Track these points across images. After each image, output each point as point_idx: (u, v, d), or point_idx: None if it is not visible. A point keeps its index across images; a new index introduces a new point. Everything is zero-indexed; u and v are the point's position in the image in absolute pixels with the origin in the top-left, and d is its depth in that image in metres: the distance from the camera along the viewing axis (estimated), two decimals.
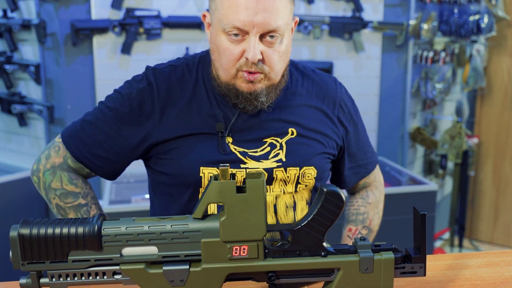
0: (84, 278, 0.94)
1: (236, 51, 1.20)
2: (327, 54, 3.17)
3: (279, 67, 1.24)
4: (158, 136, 1.28)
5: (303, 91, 1.35)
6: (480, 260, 1.21)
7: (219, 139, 1.28)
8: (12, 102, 2.97)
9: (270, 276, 0.95)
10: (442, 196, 3.94)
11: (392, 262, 0.95)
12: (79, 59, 2.89)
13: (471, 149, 3.85)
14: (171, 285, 0.94)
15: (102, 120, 1.30)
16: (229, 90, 1.25)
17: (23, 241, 0.91)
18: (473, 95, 4.07)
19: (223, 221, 0.92)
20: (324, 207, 0.92)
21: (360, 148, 1.44)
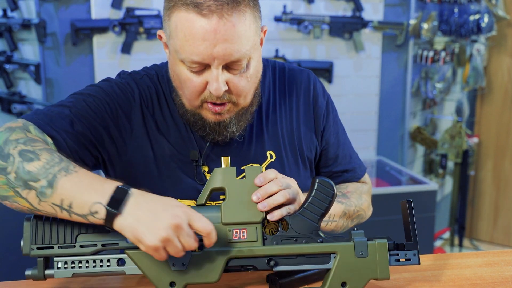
0: (89, 265, 0.99)
1: (198, 82, 1.08)
2: (327, 53, 3.17)
3: (247, 91, 1.12)
4: (134, 144, 1.17)
5: (277, 96, 1.26)
6: (480, 260, 1.21)
7: (194, 168, 1.19)
8: (12, 101, 2.97)
9: (269, 260, 1.00)
10: (442, 196, 3.94)
11: (386, 246, 1.00)
12: (79, 58, 2.89)
13: (471, 149, 3.85)
14: (172, 269, 0.98)
15: (76, 105, 1.13)
16: (195, 120, 1.15)
17: (36, 226, 0.98)
18: (473, 95, 4.07)
19: (224, 204, 0.99)
20: (317, 194, 1.01)
21: (341, 149, 1.35)
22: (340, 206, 1.26)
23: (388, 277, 1.00)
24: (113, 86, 1.18)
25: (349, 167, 1.36)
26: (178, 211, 0.92)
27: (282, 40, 3.11)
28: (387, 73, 3.34)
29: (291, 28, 3.09)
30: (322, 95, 1.31)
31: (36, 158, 0.96)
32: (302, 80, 1.29)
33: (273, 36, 3.07)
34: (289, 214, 1.02)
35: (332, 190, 1.02)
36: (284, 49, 3.08)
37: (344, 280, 0.99)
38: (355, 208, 1.30)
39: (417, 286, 1.08)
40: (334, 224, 1.26)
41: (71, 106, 1.12)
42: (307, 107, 1.28)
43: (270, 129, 1.25)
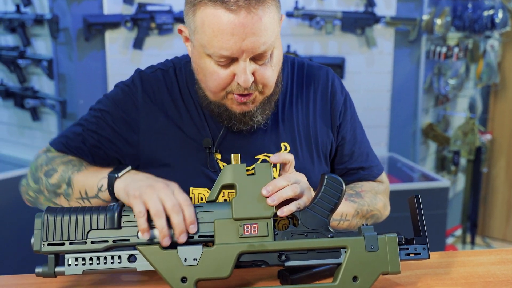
0: (100, 262, 0.99)
1: (225, 75, 1.10)
2: (339, 49, 3.16)
3: (273, 80, 1.15)
4: (146, 141, 1.23)
5: (294, 90, 1.28)
6: (493, 258, 1.20)
7: (207, 155, 1.21)
8: (25, 96, 3.00)
9: (280, 254, 1.00)
10: (454, 193, 3.92)
11: (396, 240, 1.01)
12: (91, 54, 2.91)
13: (484, 146, 3.81)
14: (184, 264, 0.98)
15: (88, 121, 1.25)
16: (220, 112, 1.17)
17: (48, 222, 0.99)
18: (487, 91, 4.03)
19: (235, 199, 1.00)
20: (327, 190, 1.02)
21: (358, 147, 1.34)
22: (353, 205, 1.25)
23: (398, 271, 0.99)
24: (118, 93, 1.26)
25: (365, 165, 1.36)
26: (167, 182, 1.03)
27: (293, 36, 3.10)
28: (400, 69, 3.31)
29: (303, 23, 3.08)
30: (340, 92, 1.31)
31: (55, 171, 1.19)
32: (321, 76, 1.30)
33: (284, 32, 3.06)
34: (298, 209, 1.02)
35: (341, 186, 1.03)
36: (295, 45, 3.07)
37: (355, 275, 0.99)
38: (369, 207, 1.29)
39: (429, 283, 1.07)
40: (346, 223, 1.25)
41: (83, 124, 1.26)
42: (325, 102, 1.29)
43: (286, 121, 1.26)
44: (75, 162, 1.21)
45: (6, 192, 2.61)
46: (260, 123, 1.19)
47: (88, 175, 1.15)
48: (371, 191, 1.33)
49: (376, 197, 1.33)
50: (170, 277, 0.97)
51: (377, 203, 1.32)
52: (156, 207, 0.97)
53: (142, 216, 0.97)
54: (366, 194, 1.31)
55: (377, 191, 1.35)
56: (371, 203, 1.30)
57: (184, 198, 1.00)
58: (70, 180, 1.16)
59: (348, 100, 1.33)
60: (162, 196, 0.98)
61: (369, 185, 1.36)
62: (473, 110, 3.66)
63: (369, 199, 1.30)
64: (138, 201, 0.98)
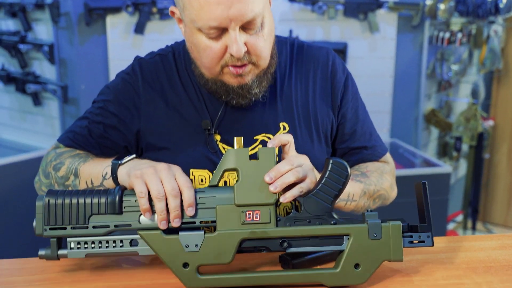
0: (102, 246, 1.00)
1: (218, 48, 1.11)
2: (342, 34, 3.14)
3: (267, 51, 1.15)
4: (147, 128, 1.24)
5: (293, 70, 1.28)
6: (495, 243, 1.20)
7: (207, 137, 1.22)
8: (26, 81, 2.99)
9: (282, 241, 0.99)
10: (456, 179, 3.92)
11: (399, 228, 0.99)
12: (93, 38, 2.89)
13: (486, 132, 3.81)
14: (186, 250, 0.98)
15: (93, 113, 1.27)
16: (217, 87, 1.18)
17: (48, 207, 0.98)
18: (490, 77, 4.01)
19: (237, 185, 0.98)
20: (331, 176, 1.00)
21: (360, 126, 1.33)
22: (359, 185, 1.24)
23: (401, 259, 0.99)
24: (119, 82, 1.27)
25: (368, 144, 1.34)
26: (170, 165, 1.02)
27: (296, 21, 3.08)
28: (402, 54, 3.30)
29: (305, 8, 3.06)
30: (341, 71, 1.31)
31: (63, 164, 1.20)
32: (320, 56, 1.30)
33: (287, 17, 3.04)
34: (301, 193, 1.02)
35: (346, 171, 1.00)
36: (298, 30, 3.05)
37: (357, 262, 0.98)
38: (375, 187, 1.27)
39: (431, 268, 1.07)
40: (354, 204, 1.23)
41: (89, 117, 1.28)
42: (325, 82, 1.28)
43: (284, 101, 1.26)
44: (82, 154, 1.23)
45: (8, 176, 2.62)
46: (258, 96, 1.18)
47: (93, 164, 1.16)
48: (376, 171, 1.31)
49: (382, 177, 1.31)
50: (172, 262, 0.98)
51: (383, 183, 1.30)
52: (157, 188, 0.97)
53: (143, 197, 0.97)
54: (372, 174, 1.29)
55: (383, 171, 1.33)
56: (378, 182, 1.28)
57: (185, 180, 0.99)
58: (76, 171, 1.16)
59: (349, 79, 1.32)
60: (163, 178, 0.98)
61: (374, 165, 1.34)
62: (475, 96, 3.65)
63: (375, 178, 1.29)
64: (139, 180, 0.98)
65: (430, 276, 1.04)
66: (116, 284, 1.03)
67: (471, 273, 1.06)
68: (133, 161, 1.07)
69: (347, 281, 0.98)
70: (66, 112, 3.01)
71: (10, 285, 1.03)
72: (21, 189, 2.62)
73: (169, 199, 0.97)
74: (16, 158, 2.68)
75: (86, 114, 1.29)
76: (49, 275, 1.07)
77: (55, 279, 1.05)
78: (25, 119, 3.22)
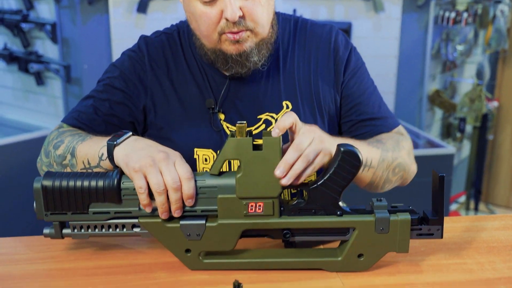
0: (105, 230, 0.99)
1: (213, 13, 1.10)
2: (346, 14, 3.11)
3: (264, 18, 1.13)
4: (152, 106, 1.24)
5: (296, 48, 1.26)
6: (497, 223, 1.20)
7: (211, 116, 1.22)
8: (29, 61, 2.98)
9: (285, 233, 0.97)
10: (459, 160, 3.91)
11: (409, 223, 0.95)
12: (95, 18, 2.87)
13: (490, 113, 3.79)
14: (187, 239, 0.97)
15: (98, 91, 1.25)
16: (216, 56, 1.16)
17: (46, 193, 0.96)
18: (495, 57, 3.97)
19: (239, 177, 0.94)
20: (341, 166, 0.93)
21: (366, 98, 1.28)
22: (377, 151, 1.16)
23: (407, 251, 0.97)
24: (125, 60, 1.26)
25: (377, 115, 1.28)
26: (167, 150, 0.98)
27: (300, 0, 3.04)
28: (407, 34, 3.27)
29: None
30: (344, 46, 1.28)
31: (62, 143, 1.16)
32: (323, 33, 1.28)
33: None
34: (314, 170, 0.97)
35: (358, 162, 0.93)
36: (301, 9, 3.02)
37: (361, 253, 0.97)
38: (393, 154, 1.19)
39: (433, 248, 1.07)
40: (371, 171, 1.15)
41: (94, 95, 1.25)
42: (326, 59, 1.27)
43: (287, 79, 1.24)
44: (82, 133, 1.19)
45: (12, 156, 2.62)
46: (257, 64, 1.17)
47: (90, 144, 1.11)
48: (391, 139, 1.24)
49: (398, 145, 1.23)
50: (174, 248, 0.98)
51: (400, 151, 1.22)
52: (157, 181, 0.93)
53: (143, 192, 0.94)
54: (387, 141, 1.22)
55: (398, 139, 1.25)
56: (394, 149, 1.20)
57: (185, 171, 0.95)
58: (73, 150, 1.13)
59: (353, 53, 1.29)
60: (163, 169, 0.94)
61: (388, 135, 1.26)
62: (480, 76, 3.62)
63: (391, 145, 1.20)
64: (138, 175, 0.94)
65: (432, 256, 1.04)
66: (120, 262, 1.03)
67: (474, 253, 1.06)
68: (130, 142, 1.02)
69: (349, 269, 0.98)
70: (69, 91, 3.00)
71: (15, 263, 1.04)
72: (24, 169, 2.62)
73: (170, 192, 0.94)
74: (19, 138, 2.68)
75: (92, 93, 1.27)
76: (53, 253, 1.07)
77: (59, 257, 1.06)
78: (28, 99, 3.22)
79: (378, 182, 1.19)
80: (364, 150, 1.07)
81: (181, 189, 0.94)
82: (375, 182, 1.18)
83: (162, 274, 0.98)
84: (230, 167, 1.20)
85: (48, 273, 1.00)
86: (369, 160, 1.13)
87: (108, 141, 1.02)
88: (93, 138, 1.14)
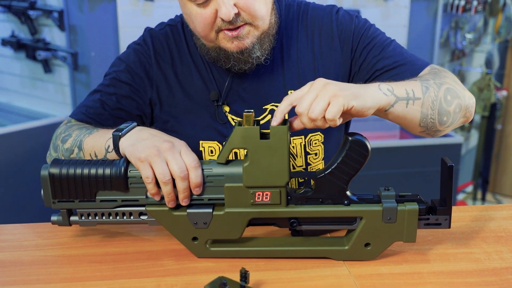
0: (112, 217, 0.99)
1: (208, 14, 1.07)
2: (354, 2, 3.08)
3: (262, 10, 1.09)
4: (158, 99, 1.23)
5: (299, 34, 1.23)
6: (505, 213, 1.20)
7: (216, 108, 1.21)
8: (36, 48, 2.98)
9: (292, 222, 0.97)
10: (467, 149, 3.89)
11: (416, 213, 0.95)
12: (102, 5, 2.86)
13: (499, 102, 3.76)
14: (194, 227, 0.97)
15: (105, 85, 1.25)
16: (218, 55, 1.14)
17: (53, 180, 0.97)
18: (505, 46, 3.94)
19: (246, 166, 0.93)
20: (349, 155, 0.93)
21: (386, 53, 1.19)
22: (415, 82, 1.05)
23: (414, 241, 0.97)
24: (130, 53, 1.25)
25: (401, 62, 1.17)
26: (173, 140, 0.98)
27: None
28: (416, 22, 3.24)
29: None
30: (348, 21, 1.23)
31: (70, 136, 1.16)
32: (324, 16, 1.24)
33: None
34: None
35: (366, 151, 0.92)
36: None
37: (368, 242, 0.97)
38: (435, 81, 1.06)
39: (441, 238, 1.07)
40: (418, 103, 1.02)
41: (101, 89, 1.25)
42: (330, 39, 1.22)
43: (292, 67, 1.22)
44: (89, 126, 1.20)
45: (20, 143, 2.64)
46: (260, 59, 1.14)
47: (97, 136, 1.12)
48: (427, 74, 1.12)
49: (438, 74, 1.11)
50: (181, 236, 0.98)
51: (443, 78, 1.09)
52: (163, 172, 0.93)
53: (150, 182, 0.94)
54: (424, 75, 1.11)
55: (435, 72, 1.12)
56: (436, 78, 1.08)
57: (191, 159, 0.95)
58: (81, 144, 1.13)
59: (357, 22, 1.23)
60: (169, 159, 0.94)
61: (422, 72, 1.14)
62: (489, 65, 3.59)
63: (431, 76, 1.09)
64: (144, 165, 0.94)
65: (440, 245, 1.04)
66: (127, 249, 1.04)
67: (481, 243, 1.05)
68: (136, 132, 1.02)
69: (355, 258, 0.98)
70: (77, 79, 3.00)
71: (24, 249, 1.04)
72: (32, 156, 2.64)
73: (177, 181, 0.94)
74: (27, 125, 2.69)
75: (98, 87, 1.27)
76: (61, 240, 1.08)
77: (66, 243, 1.07)
78: (36, 86, 3.22)
79: (433, 116, 1.05)
80: (399, 84, 1.01)
81: (188, 178, 0.94)
82: (429, 117, 1.04)
83: (169, 261, 0.99)
84: (236, 157, 1.20)
85: (56, 260, 1.01)
86: (409, 91, 1.01)
87: (113, 133, 1.01)
88: (100, 131, 1.15)
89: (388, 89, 0.99)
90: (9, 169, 2.59)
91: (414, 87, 1.03)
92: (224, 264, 0.97)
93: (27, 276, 0.94)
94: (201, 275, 0.94)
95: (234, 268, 0.95)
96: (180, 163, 0.94)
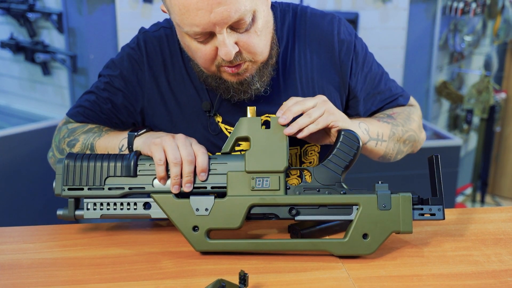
0: (117, 208, 1.04)
1: (208, 50, 1.05)
2: (353, 4, 3.09)
3: (262, 46, 1.08)
4: (149, 107, 1.23)
5: (296, 43, 1.21)
6: (504, 215, 1.20)
7: (208, 118, 1.20)
8: (35, 51, 2.98)
9: (290, 209, 1.01)
10: (466, 152, 3.90)
11: (409, 200, 1.00)
12: (101, 7, 2.87)
13: (498, 104, 3.77)
14: (196, 214, 1.01)
15: (99, 88, 1.26)
16: (218, 85, 1.13)
17: (68, 168, 1.04)
18: (503, 48, 3.95)
19: (248, 152, 1.01)
20: (342, 146, 1.02)
21: (379, 87, 1.29)
22: (387, 126, 1.22)
23: (411, 231, 0.99)
24: (124, 58, 1.25)
25: (389, 99, 1.32)
26: (186, 136, 1.06)
27: None
28: (415, 25, 3.24)
29: None
30: (347, 40, 1.23)
31: (77, 141, 1.21)
32: (324, 26, 1.22)
33: None
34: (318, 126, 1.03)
35: (357, 142, 1.02)
36: None
37: (365, 232, 0.99)
38: (403, 128, 1.25)
39: (440, 240, 1.07)
40: (384, 144, 1.20)
41: (95, 92, 1.27)
42: (330, 54, 1.22)
43: (288, 78, 1.21)
44: (95, 129, 1.25)
45: (19, 146, 2.64)
46: (259, 91, 1.13)
47: (109, 138, 1.18)
48: (402, 112, 1.30)
49: (409, 118, 1.29)
50: (182, 225, 1.00)
51: (411, 124, 1.28)
52: (174, 153, 1.00)
53: (161, 164, 1.01)
54: (398, 115, 1.28)
55: (409, 112, 1.31)
56: (405, 123, 1.26)
57: (200, 147, 1.03)
58: (92, 146, 1.18)
59: (358, 44, 1.25)
60: (180, 144, 1.01)
61: (400, 109, 1.32)
62: (488, 68, 3.59)
63: (402, 120, 1.27)
64: (158, 147, 1.01)
65: (439, 248, 1.04)
66: (126, 252, 1.04)
67: (480, 245, 1.06)
68: (149, 133, 1.11)
69: (355, 251, 0.99)
70: (76, 81, 3.00)
71: (22, 252, 1.04)
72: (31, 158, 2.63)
73: (184, 164, 1.00)
74: (25, 128, 2.69)
75: (93, 88, 1.28)
76: (60, 242, 1.08)
77: (65, 246, 1.07)
78: (35, 89, 3.22)
79: (391, 154, 1.25)
80: (374, 126, 1.19)
81: (195, 163, 1.01)
82: (388, 154, 1.25)
83: (168, 264, 0.99)
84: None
85: (55, 262, 1.01)
86: (380, 134, 1.19)
87: (129, 132, 1.11)
88: (110, 133, 1.21)
89: (365, 129, 1.16)
90: (9, 172, 2.59)
91: (385, 131, 1.21)
92: (223, 267, 0.97)
93: (25, 279, 0.94)
94: (200, 277, 0.94)
95: (233, 271, 0.95)
96: (189, 150, 1.02)
